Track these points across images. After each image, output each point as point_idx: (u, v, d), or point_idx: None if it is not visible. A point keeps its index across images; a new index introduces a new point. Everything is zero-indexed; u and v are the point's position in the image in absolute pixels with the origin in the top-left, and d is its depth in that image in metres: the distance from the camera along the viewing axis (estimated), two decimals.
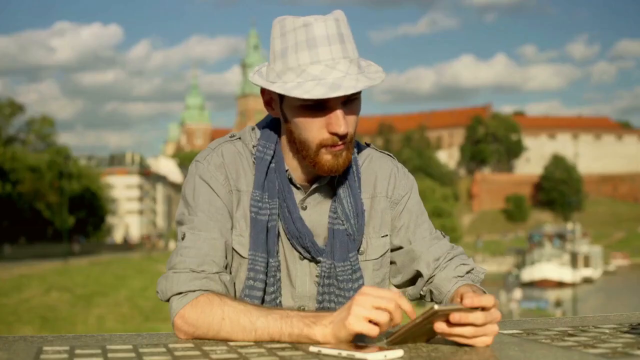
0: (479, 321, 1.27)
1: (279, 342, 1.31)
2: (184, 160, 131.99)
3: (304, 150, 1.53)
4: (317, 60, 1.44)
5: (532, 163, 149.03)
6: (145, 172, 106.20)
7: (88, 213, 58.38)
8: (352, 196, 1.61)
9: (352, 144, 1.55)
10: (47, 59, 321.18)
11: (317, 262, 1.59)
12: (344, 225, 1.59)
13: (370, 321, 1.24)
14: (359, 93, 1.49)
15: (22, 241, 50.91)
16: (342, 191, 1.61)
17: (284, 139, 1.61)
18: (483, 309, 1.29)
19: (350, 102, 1.49)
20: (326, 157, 1.51)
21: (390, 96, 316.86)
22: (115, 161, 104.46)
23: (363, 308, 1.24)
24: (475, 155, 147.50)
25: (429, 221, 1.73)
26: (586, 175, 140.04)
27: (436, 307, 1.22)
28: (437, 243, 1.68)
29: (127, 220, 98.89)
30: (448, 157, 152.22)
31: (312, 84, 1.43)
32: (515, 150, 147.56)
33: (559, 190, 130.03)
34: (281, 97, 1.53)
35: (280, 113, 1.56)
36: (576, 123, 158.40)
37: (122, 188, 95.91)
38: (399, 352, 1.19)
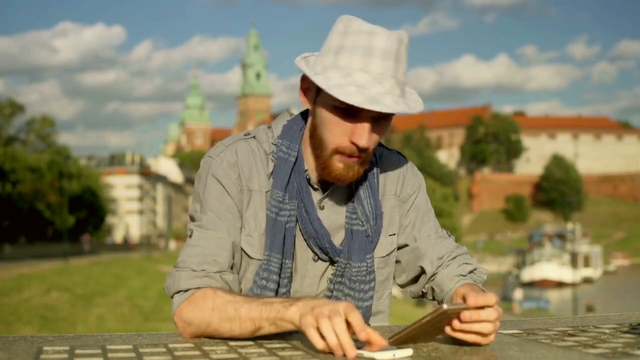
0: (492, 317, 1.27)
1: (260, 328, 1.30)
2: (184, 160, 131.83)
3: (320, 150, 1.52)
4: (367, 70, 1.44)
5: (532, 163, 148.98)
6: (145, 172, 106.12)
7: (88, 213, 58.28)
8: (372, 197, 1.61)
9: (368, 160, 1.53)
10: (49, 60, 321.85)
11: (333, 262, 1.58)
12: (363, 226, 1.58)
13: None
14: (391, 115, 1.49)
15: (22, 241, 50.80)
16: (363, 192, 1.61)
17: (305, 136, 1.59)
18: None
19: (380, 120, 1.48)
20: (338, 164, 1.50)
21: None
22: (115, 161, 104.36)
23: (330, 329, 1.17)
24: (475, 155, 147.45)
25: (435, 220, 1.73)
26: (586, 175, 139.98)
27: (445, 306, 1.21)
28: (442, 242, 1.68)
29: (127, 220, 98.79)
30: (448, 157, 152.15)
31: (354, 90, 1.42)
32: (515, 150, 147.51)
33: (559, 190, 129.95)
34: (318, 90, 1.50)
35: (312, 105, 1.55)
36: (576, 123, 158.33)
37: (122, 188, 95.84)
38: (408, 351, 1.18)
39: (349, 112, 1.46)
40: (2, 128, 54.09)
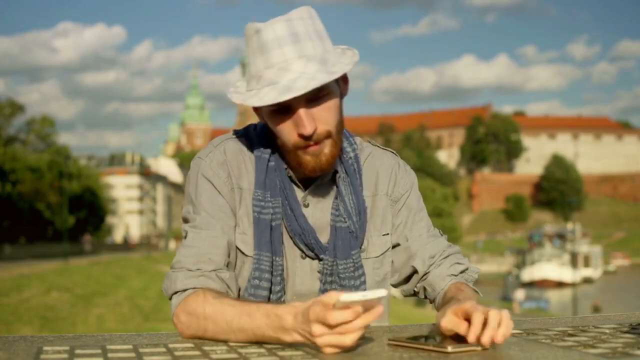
0: (497, 321, 1.24)
1: (256, 342, 1.31)
2: (184, 160, 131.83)
3: (286, 152, 1.53)
4: (270, 65, 1.44)
5: (532, 163, 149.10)
6: (145, 172, 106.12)
7: (88, 213, 58.27)
8: (354, 193, 1.60)
9: (335, 139, 1.51)
10: (50, 60, 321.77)
11: (320, 259, 1.58)
12: (346, 222, 1.58)
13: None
14: (327, 88, 1.47)
15: (22, 241, 50.76)
16: (344, 188, 1.60)
17: None
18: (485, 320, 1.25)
19: (318, 99, 1.47)
20: (306, 157, 1.50)
21: (391, 96, 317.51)
22: (116, 161, 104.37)
23: (334, 351, 1.19)
24: (475, 155, 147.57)
25: (427, 219, 1.72)
26: (586, 175, 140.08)
27: (450, 348, 1.19)
28: (434, 241, 1.67)
29: (127, 220, 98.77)
30: (448, 157, 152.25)
31: (267, 90, 1.44)
32: (515, 150, 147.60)
33: (559, 190, 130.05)
34: None
35: (262, 118, 1.58)
36: (576, 123, 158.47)
37: (122, 188, 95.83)
38: (382, 292, 1.19)
39: (283, 110, 1.47)
40: (2, 128, 54.10)
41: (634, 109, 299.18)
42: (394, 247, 1.69)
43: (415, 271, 1.65)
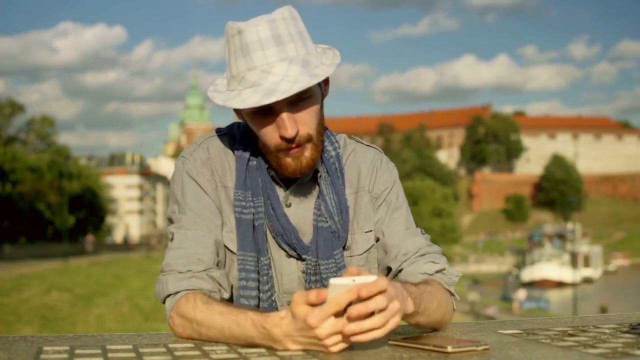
0: (382, 305, 1.17)
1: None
2: None
3: (267, 154, 1.53)
4: (252, 67, 1.43)
5: (532, 163, 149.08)
6: (145, 172, 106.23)
7: (88, 213, 58.27)
8: (335, 193, 1.59)
9: (316, 141, 1.51)
10: (50, 60, 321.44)
11: (303, 259, 1.57)
12: (327, 222, 1.57)
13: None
14: (309, 90, 1.46)
15: (22, 241, 50.77)
16: (325, 188, 1.59)
17: None
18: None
19: (300, 102, 1.47)
20: (287, 159, 1.50)
21: (391, 96, 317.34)
22: (116, 161, 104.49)
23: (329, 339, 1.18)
24: (475, 155, 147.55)
25: (406, 217, 1.67)
26: (586, 175, 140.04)
27: (450, 348, 1.20)
28: (411, 238, 1.62)
29: (127, 220, 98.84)
30: (448, 157, 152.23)
31: (250, 92, 1.43)
32: (515, 150, 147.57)
33: (559, 190, 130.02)
34: None
35: (243, 119, 1.57)
36: (576, 123, 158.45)
37: (122, 188, 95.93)
38: (371, 277, 1.18)
39: (265, 112, 1.46)
40: (2, 128, 54.11)
41: (634, 109, 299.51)
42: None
43: (389, 268, 1.62)
